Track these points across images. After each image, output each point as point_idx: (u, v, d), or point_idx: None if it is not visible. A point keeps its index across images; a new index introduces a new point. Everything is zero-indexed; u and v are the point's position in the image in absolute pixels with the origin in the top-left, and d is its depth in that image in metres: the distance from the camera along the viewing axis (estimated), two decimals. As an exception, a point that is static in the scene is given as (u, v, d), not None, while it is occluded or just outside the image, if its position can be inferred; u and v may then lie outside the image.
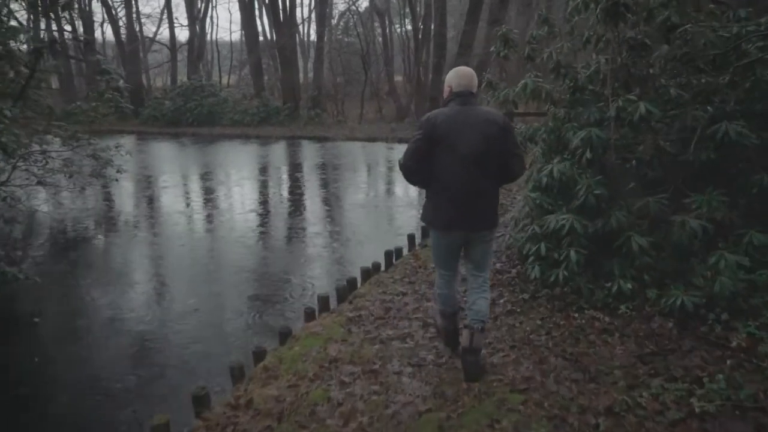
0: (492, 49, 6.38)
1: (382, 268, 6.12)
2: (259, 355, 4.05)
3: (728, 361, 3.35)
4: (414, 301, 4.90)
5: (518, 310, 4.46)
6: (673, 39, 4.79)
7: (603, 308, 4.21)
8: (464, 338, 3.58)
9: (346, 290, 5.29)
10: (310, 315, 4.72)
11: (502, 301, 4.67)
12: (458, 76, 3.63)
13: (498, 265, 5.54)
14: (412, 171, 3.53)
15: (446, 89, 3.70)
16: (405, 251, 6.75)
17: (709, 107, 4.61)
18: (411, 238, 6.97)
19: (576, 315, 4.19)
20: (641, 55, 4.87)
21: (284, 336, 4.38)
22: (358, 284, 5.58)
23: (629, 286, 4.08)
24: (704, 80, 4.62)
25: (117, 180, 11.06)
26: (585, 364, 3.47)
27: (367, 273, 5.75)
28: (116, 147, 10.98)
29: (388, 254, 6.29)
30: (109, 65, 8.13)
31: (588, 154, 4.46)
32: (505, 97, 5.77)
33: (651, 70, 5.11)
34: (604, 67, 4.80)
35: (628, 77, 4.78)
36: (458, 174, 3.43)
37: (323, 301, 4.97)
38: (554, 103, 5.32)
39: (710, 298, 3.91)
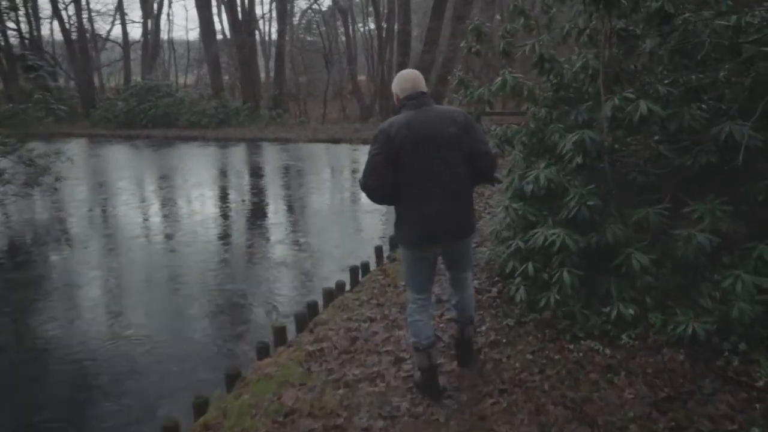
0: (462, 44, 5.83)
1: (348, 287, 5.50)
2: (199, 407, 3.38)
3: (757, 406, 2.84)
4: (384, 330, 4.30)
5: (504, 340, 3.88)
6: (667, 31, 4.30)
7: (601, 337, 3.67)
8: (455, 330, 3.70)
9: (306, 317, 4.65)
10: (263, 351, 4.06)
11: (484, 328, 4.09)
12: (402, 80, 3.31)
13: (476, 283, 4.97)
14: (374, 189, 3.14)
15: (394, 98, 3.35)
16: (372, 265, 6.14)
17: (703, 105, 4.13)
18: (378, 250, 6.36)
19: (571, 346, 3.63)
20: (632, 48, 4.37)
21: (231, 380, 3.71)
22: (321, 308, 4.95)
23: (631, 311, 3.54)
24: (700, 76, 4.12)
25: (56, 189, 10.23)
26: (591, 414, 2.90)
27: (330, 295, 5.11)
28: (56, 153, 10.14)
29: (353, 271, 5.67)
30: (36, 61, 7.27)
31: (578, 159, 3.91)
32: (480, 96, 5.22)
33: (638, 65, 4.63)
34: (593, 61, 4.26)
35: (618, 73, 4.26)
36: (427, 182, 3.12)
37: (279, 333, 4.32)
38: (535, 101, 4.78)
39: (722, 324, 3.41)
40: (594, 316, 3.75)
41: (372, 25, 31.90)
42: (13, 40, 29.88)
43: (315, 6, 33.45)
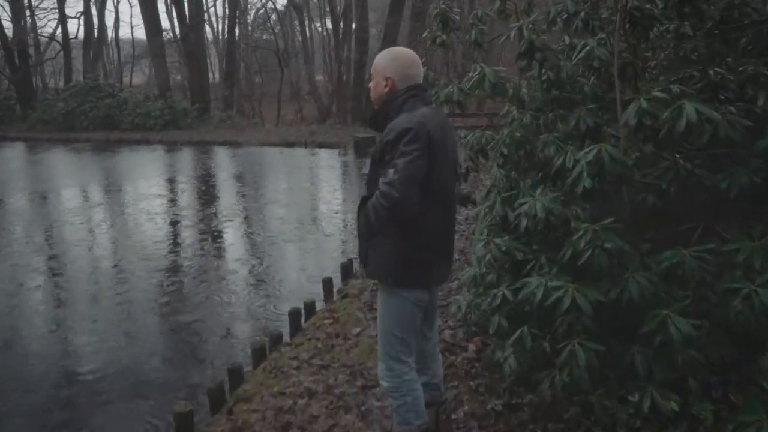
0: (425, 34, 4.76)
1: (286, 335, 4.37)
2: None
3: None
4: (327, 413, 3.18)
5: (490, 436, 2.81)
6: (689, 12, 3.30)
7: (627, 435, 2.62)
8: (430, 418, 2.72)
9: (223, 392, 3.50)
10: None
11: (461, 413, 3.01)
12: (404, 63, 2.53)
13: (447, 333, 3.90)
14: (411, 205, 2.34)
15: (383, 82, 2.51)
16: (322, 301, 5.03)
17: (732, 108, 3.14)
18: (327, 284, 5.23)
19: (587, 451, 2.58)
20: (645, 32, 3.36)
21: None
22: (249, 371, 3.81)
23: (674, 405, 2.50)
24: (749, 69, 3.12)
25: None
26: None
27: (260, 353, 3.97)
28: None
29: (293, 316, 4.53)
30: None
31: (587, 182, 2.85)
32: (448, 96, 4.16)
33: (655, 54, 3.64)
34: (599, 50, 3.21)
35: (634, 64, 3.24)
36: (445, 201, 2.58)
37: (182, 421, 3.15)
38: (521, 103, 3.73)
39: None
40: (616, 405, 2.69)
41: (329, 24, 30.81)
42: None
43: (269, 4, 32.09)
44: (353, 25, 22.01)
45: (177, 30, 26.31)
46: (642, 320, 2.71)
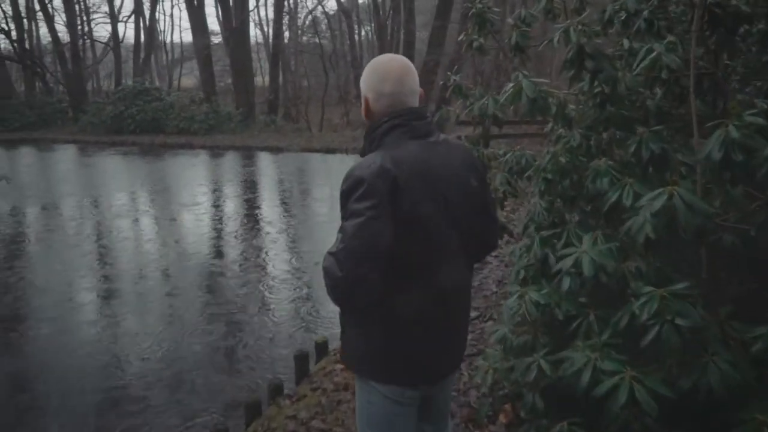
0: (460, 37, 4.17)
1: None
2: None
3: None
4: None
5: None
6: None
7: None
8: None
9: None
10: None
11: None
12: (382, 76, 1.85)
13: (473, 394, 3.26)
14: (368, 283, 1.66)
15: (363, 107, 1.90)
16: (290, 383, 4.32)
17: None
18: (300, 361, 4.00)
19: None
20: (733, 36, 2.65)
21: None
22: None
23: None
24: None
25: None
26: None
27: (254, 411, 3.41)
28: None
29: (299, 361, 3.96)
30: None
31: (651, 233, 2.16)
32: (482, 109, 3.55)
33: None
34: (667, 57, 2.51)
35: (712, 75, 2.53)
36: (441, 269, 1.81)
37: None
38: (568, 122, 3.06)
39: None
40: None
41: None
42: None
43: (319, 8, 31.88)
44: (401, 28, 21.46)
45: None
46: (727, 419, 2.02)
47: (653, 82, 2.69)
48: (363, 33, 35.32)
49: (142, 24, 29.51)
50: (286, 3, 27.49)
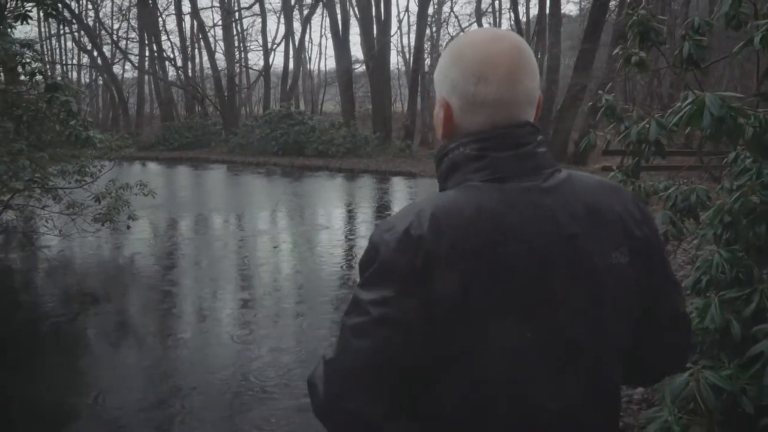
0: (616, 50, 3.60)
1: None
2: None
3: None
4: None
5: None
6: None
7: None
8: None
9: None
10: None
11: None
12: (491, 65, 1.02)
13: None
14: (367, 426, 0.97)
15: (440, 111, 1.09)
16: None
17: None
18: None
19: None
20: None
21: None
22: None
23: None
24: None
25: (129, 227, 9.11)
26: None
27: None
28: (139, 185, 9.04)
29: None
30: (60, 82, 6.05)
31: None
32: (641, 134, 2.99)
33: None
34: None
35: None
36: (537, 403, 0.99)
37: None
38: (763, 149, 2.39)
39: None
40: None
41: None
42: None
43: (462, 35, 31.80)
44: (546, 51, 20.68)
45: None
46: None
47: None
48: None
49: (291, 52, 31.12)
50: (427, 30, 27.73)
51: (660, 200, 3.34)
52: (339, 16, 24.63)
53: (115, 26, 34.92)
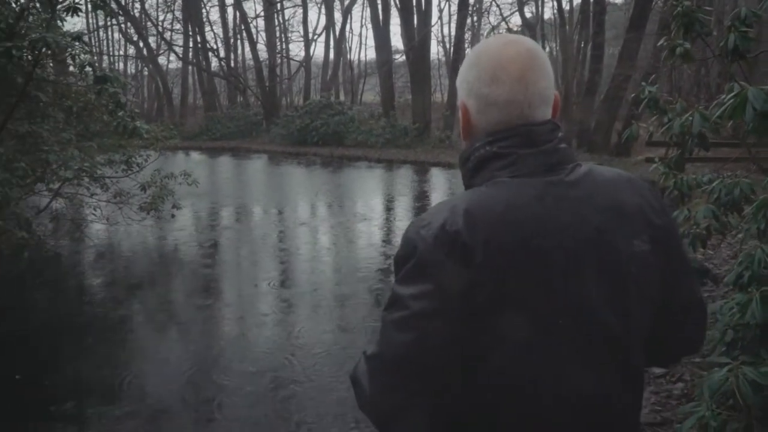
0: (660, 42, 3.56)
1: None
2: None
3: None
4: None
5: None
6: None
7: None
8: None
9: None
10: None
11: None
12: (502, 68, 1.10)
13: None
14: (413, 417, 1.02)
15: (465, 111, 1.17)
16: None
17: None
18: None
19: None
20: None
21: None
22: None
23: None
24: None
25: (173, 216, 9.35)
26: None
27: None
28: (183, 175, 9.27)
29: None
30: (109, 74, 6.24)
31: None
32: (685, 127, 2.95)
33: None
34: None
35: None
36: (570, 388, 1.04)
37: None
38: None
39: None
40: None
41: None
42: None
43: (503, 24, 31.36)
44: (590, 39, 20.25)
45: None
46: None
47: None
48: (547, 48, 34.14)
49: (332, 42, 31.29)
50: (468, 20, 27.48)
51: (703, 194, 3.29)
52: (380, 7, 24.57)
53: (161, 18, 35.68)
